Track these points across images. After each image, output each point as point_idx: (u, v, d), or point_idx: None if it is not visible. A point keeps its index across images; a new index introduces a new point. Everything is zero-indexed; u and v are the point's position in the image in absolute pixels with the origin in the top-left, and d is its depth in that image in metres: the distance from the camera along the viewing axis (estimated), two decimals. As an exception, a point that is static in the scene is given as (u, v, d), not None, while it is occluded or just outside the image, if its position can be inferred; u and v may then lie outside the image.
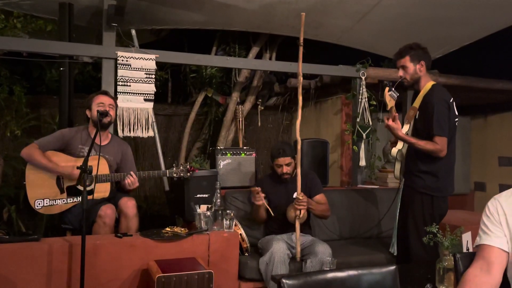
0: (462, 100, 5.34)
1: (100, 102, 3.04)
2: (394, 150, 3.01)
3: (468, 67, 4.96)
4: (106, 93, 3.18)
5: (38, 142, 2.95)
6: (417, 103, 2.91)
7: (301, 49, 3.08)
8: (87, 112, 3.08)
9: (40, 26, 4.10)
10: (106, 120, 2.97)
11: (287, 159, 3.21)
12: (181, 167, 3.11)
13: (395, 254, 3.13)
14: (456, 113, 2.85)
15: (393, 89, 2.84)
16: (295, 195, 3.06)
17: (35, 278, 2.44)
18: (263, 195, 3.11)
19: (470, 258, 1.63)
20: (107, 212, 2.85)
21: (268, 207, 3.14)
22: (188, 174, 3.11)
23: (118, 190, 3.13)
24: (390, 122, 2.79)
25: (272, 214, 3.14)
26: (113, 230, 2.91)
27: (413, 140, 2.78)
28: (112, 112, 3.06)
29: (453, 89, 4.37)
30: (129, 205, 2.96)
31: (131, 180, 2.97)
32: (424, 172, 2.82)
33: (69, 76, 3.67)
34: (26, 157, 2.90)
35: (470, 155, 6.17)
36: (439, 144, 2.71)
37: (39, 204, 2.89)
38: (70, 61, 3.66)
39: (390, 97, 2.82)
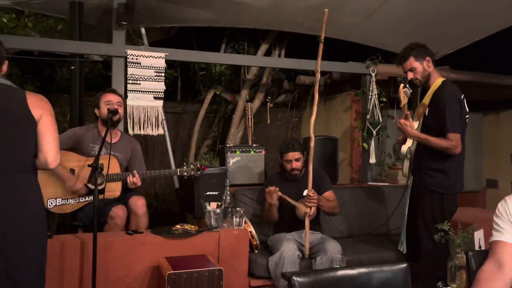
0: (474, 96, 5.27)
1: (108, 100, 3.04)
2: (404, 148, 2.99)
3: (480, 63, 4.91)
4: (113, 91, 3.18)
5: None
6: (426, 99, 2.88)
7: (321, 45, 3.01)
8: (96, 111, 3.09)
9: (51, 25, 4.14)
10: (115, 118, 2.99)
11: (296, 154, 3.19)
12: (192, 166, 3.09)
13: (404, 252, 3.11)
14: (467, 110, 2.82)
15: (407, 85, 2.81)
16: (305, 192, 3.06)
17: (47, 275, 2.44)
18: (278, 193, 3.09)
19: (482, 256, 1.62)
20: (118, 213, 2.87)
21: (285, 197, 3.11)
22: (199, 172, 3.10)
23: (126, 189, 3.14)
24: (403, 121, 2.77)
25: (288, 199, 3.10)
26: (124, 230, 2.92)
27: (427, 137, 2.75)
28: (120, 110, 3.07)
29: (465, 85, 4.32)
30: (138, 204, 2.97)
31: (132, 180, 2.95)
32: (434, 169, 2.79)
33: (79, 75, 3.70)
34: None
35: (482, 152, 6.10)
36: (453, 141, 2.68)
37: (51, 203, 2.92)
38: (80, 59, 3.69)
39: (404, 94, 2.79)
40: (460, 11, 3.82)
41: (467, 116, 2.82)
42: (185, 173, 3.08)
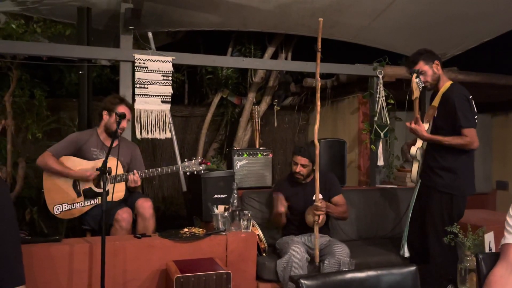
0: (483, 97, 5.23)
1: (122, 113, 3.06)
2: (413, 149, 2.98)
3: (488, 64, 4.87)
4: (129, 105, 3.21)
5: (51, 150, 2.99)
6: (436, 101, 2.91)
7: (318, 54, 3.02)
8: (104, 115, 3.10)
9: (59, 31, 4.17)
10: (121, 130, 3.03)
11: (304, 160, 3.18)
12: (193, 161, 3.11)
13: (405, 256, 3.08)
14: (475, 110, 2.81)
15: (420, 77, 2.81)
16: (314, 197, 3.04)
17: (56, 278, 2.48)
18: (286, 203, 3.10)
19: (493, 258, 1.60)
20: (123, 216, 2.88)
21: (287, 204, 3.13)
22: (201, 167, 3.11)
23: (129, 190, 3.16)
24: (413, 125, 2.78)
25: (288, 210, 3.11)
26: (130, 233, 2.93)
27: (440, 138, 2.75)
28: (126, 124, 3.12)
29: (473, 86, 4.29)
30: (145, 206, 2.98)
31: (132, 178, 2.98)
32: (443, 168, 2.79)
33: (87, 79, 3.72)
34: (42, 165, 2.96)
35: (492, 153, 6.05)
36: (468, 136, 2.69)
37: (58, 209, 2.94)
38: (88, 64, 3.72)
39: (416, 85, 2.79)
40: (467, 11, 3.79)
41: (476, 116, 2.82)
42: (188, 169, 3.08)
